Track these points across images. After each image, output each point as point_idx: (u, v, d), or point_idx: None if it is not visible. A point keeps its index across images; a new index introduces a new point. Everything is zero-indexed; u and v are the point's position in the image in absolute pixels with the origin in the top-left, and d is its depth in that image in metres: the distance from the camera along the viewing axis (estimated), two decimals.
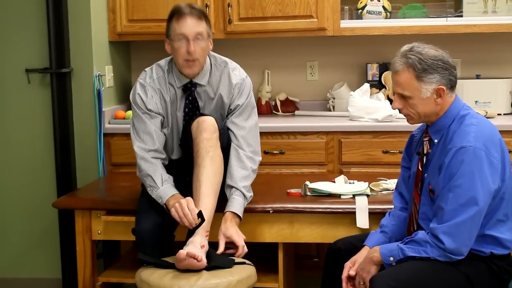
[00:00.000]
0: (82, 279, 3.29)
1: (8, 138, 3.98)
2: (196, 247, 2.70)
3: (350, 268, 2.62)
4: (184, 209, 2.76)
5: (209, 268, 2.70)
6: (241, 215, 2.91)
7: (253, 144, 3.06)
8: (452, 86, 2.54)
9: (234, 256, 2.82)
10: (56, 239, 3.96)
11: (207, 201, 2.81)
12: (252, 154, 3.03)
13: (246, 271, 2.75)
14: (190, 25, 2.92)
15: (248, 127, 3.06)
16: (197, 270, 2.68)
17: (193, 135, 2.93)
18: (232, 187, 2.95)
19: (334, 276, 2.70)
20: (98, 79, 3.91)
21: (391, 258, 2.47)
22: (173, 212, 2.80)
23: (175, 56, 2.99)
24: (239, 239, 2.83)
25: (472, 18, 4.04)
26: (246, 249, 2.83)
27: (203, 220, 2.75)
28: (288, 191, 3.24)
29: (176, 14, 2.97)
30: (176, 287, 2.61)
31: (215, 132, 2.90)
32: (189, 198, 2.81)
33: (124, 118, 4.05)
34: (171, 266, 2.73)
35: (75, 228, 3.27)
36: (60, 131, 3.88)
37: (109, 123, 4.01)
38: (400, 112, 2.63)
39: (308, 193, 3.19)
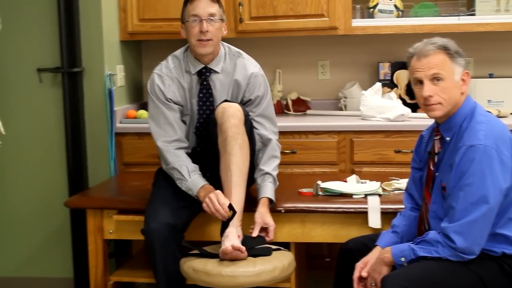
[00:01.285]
0: (94, 278, 3.31)
1: (20, 137, 3.98)
2: (235, 238, 2.79)
3: (361, 269, 2.61)
4: (215, 204, 2.83)
5: (250, 256, 2.79)
6: (274, 200, 3.03)
7: (277, 132, 3.23)
8: None
9: (265, 239, 2.92)
10: (68, 239, 3.97)
11: (239, 190, 2.90)
12: (278, 141, 3.20)
13: (287, 257, 2.86)
14: (203, 6, 3.03)
15: (273, 118, 3.20)
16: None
17: (218, 121, 2.95)
18: (266, 173, 3.06)
19: (346, 276, 2.69)
20: (110, 78, 3.92)
21: (403, 259, 2.46)
22: (204, 207, 2.88)
23: (189, 37, 3.06)
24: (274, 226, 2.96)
25: (484, 17, 4.02)
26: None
27: (234, 212, 2.83)
28: (300, 190, 3.24)
29: None
30: (236, 273, 2.70)
31: (241, 118, 2.96)
32: (218, 192, 2.88)
33: (135, 118, 4.06)
34: (214, 256, 2.79)
35: (87, 228, 3.28)
36: (71, 130, 3.89)
37: (120, 123, 4.01)
38: (426, 105, 2.53)
39: (320, 193, 3.18)
